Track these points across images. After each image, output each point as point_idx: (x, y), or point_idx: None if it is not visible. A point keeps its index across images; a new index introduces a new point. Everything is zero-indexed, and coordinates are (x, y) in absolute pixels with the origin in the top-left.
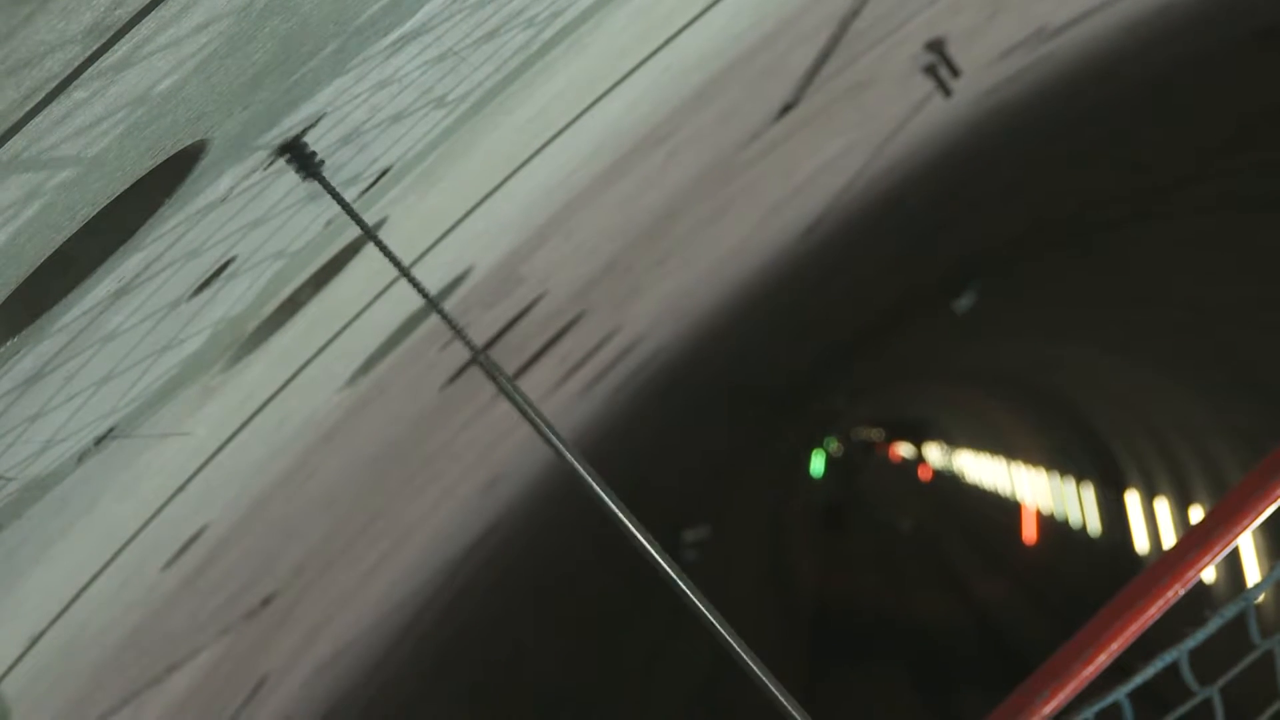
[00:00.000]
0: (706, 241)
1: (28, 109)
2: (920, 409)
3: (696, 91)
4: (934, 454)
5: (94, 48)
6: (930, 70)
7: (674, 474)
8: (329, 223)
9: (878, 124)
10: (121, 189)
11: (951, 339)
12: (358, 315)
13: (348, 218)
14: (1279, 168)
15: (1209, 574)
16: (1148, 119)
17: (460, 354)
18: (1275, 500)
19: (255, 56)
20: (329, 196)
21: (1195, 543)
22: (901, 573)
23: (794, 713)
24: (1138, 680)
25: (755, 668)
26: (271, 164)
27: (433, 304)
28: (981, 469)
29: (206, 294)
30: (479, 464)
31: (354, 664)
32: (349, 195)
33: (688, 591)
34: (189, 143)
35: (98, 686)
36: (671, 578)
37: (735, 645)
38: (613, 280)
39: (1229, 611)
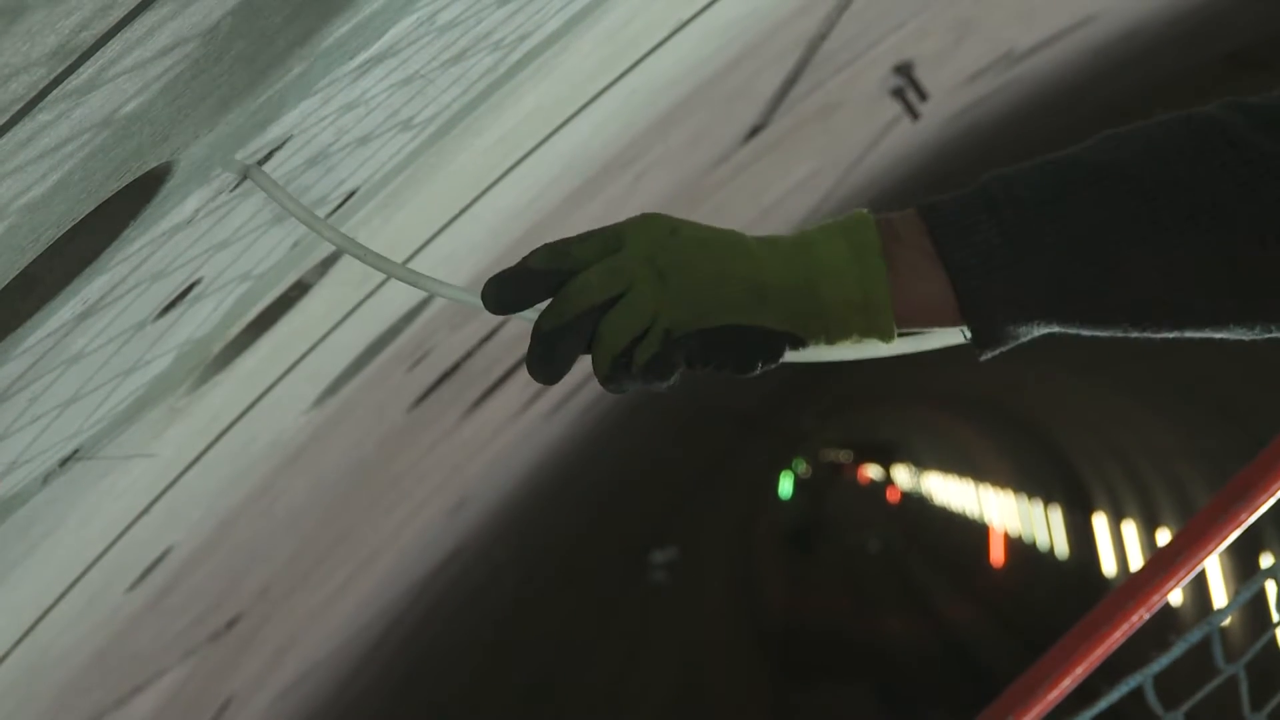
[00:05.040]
0: None
1: None
2: (888, 431)
3: (664, 114)
4: (902, 476)
5: (59, 70)
6: (898, 93)
7: (642, 495)
8: (295, 245)
9: (846, 147)
10: (87, 211)
11: (919, 361)
12: (324, 337)
13: (314, 238)
14: None
15: (1175, 598)
16: None
17: (427, 375)
18: (1241, 524)
19: (221, 79)
20: (295, 219)
21: (1161, 567)
22: (868, 594)
23: None
24: (1102, 704)
25: None
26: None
27: None
28: (949, 491)
29: (172, 315)
30: (446, 485)
31: (320, 686)
32: (317, 215)
33: None
34: (155, 165)
35: (62, 709)
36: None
37: None
38: None
39: (1194, 636)
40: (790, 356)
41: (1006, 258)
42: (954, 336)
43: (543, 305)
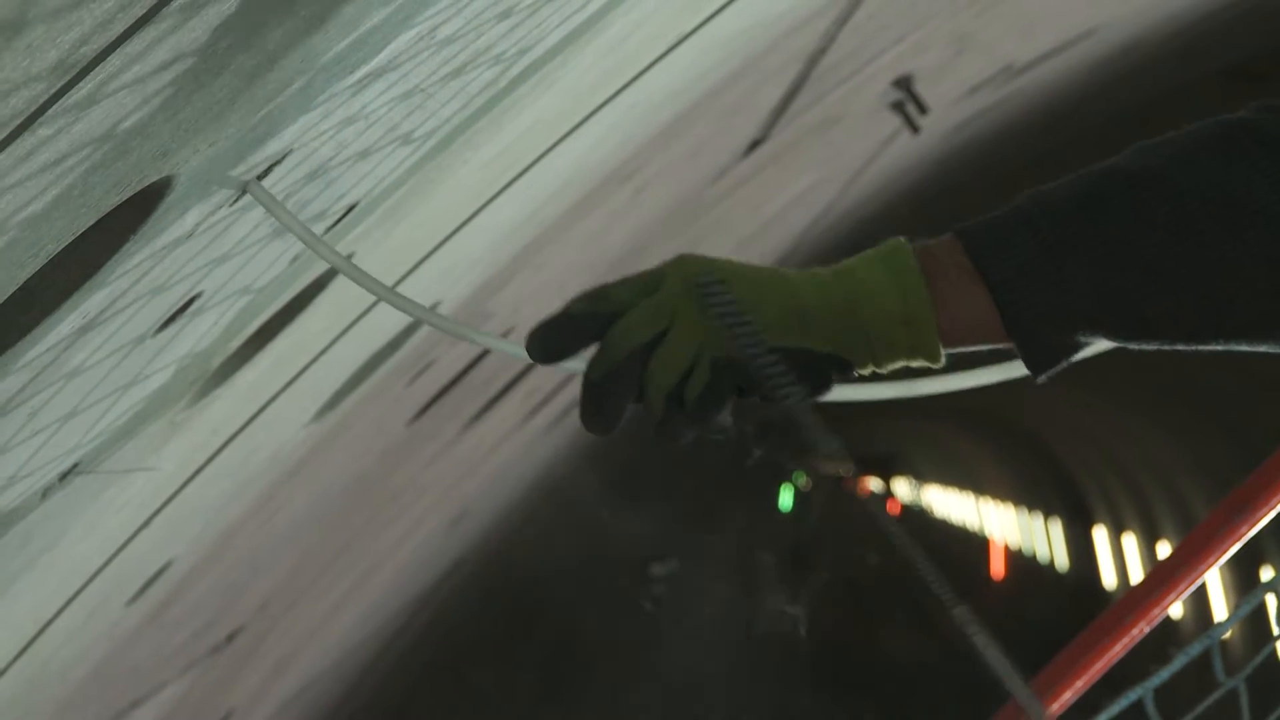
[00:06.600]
0: None
1: None
2: (888, 443)
3: (664, 127)
4: (902, 489)
5: (59, 84)
6: (898, 107)
7: (641, 508)
8: (294, 259)
9: (845, 160)
10: (86, 225)
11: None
12: (324, 351)
13: (312, 254)
14: None
15: (1176, 611)
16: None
17: (427, 389)
18: (1241, 537)
19: (221, 93)
20: (292, 233)
21: (1162, 580)
22: (868, 608)
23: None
24: (1103, 717)
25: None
26: (237, 200)
27: None
28: (949, 504)
29: (172, 330)
30: (445, 499)
31: (319, 699)
32: (315, 231)
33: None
34: (154, 179)
35: None
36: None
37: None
38: None
39: (1194, 649)
40: (839, 394)
41: (1045, 269)
42: (1009, 370)
43: (588, 353)
